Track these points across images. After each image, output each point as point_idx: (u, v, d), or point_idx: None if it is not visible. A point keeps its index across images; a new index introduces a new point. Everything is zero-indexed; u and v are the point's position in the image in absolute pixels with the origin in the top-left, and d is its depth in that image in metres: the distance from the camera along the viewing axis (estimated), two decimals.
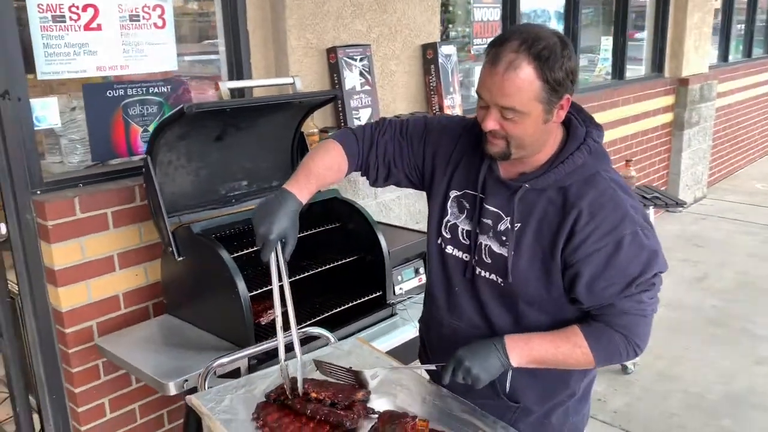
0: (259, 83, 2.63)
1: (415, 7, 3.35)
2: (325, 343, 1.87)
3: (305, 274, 2.25)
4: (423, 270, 2.52)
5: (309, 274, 2.27)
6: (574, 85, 1.39)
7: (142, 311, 2.43)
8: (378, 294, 2.35)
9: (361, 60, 3.06)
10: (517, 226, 1.46)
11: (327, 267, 2.31)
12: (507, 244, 1.47)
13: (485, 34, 4.15)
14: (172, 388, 1.85)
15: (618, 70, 5.57)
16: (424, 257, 2.49)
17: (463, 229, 1.56)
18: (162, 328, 2.27)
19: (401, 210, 3.38)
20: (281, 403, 1.45)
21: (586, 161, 1.43)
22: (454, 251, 1.59)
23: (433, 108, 3.47)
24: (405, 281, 2.47)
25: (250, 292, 1.99)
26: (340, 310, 2.27)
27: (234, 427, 1.39)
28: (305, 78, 2.90)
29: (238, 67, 2.74)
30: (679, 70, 6.06)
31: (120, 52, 2.36)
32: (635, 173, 4.07)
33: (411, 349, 2.01)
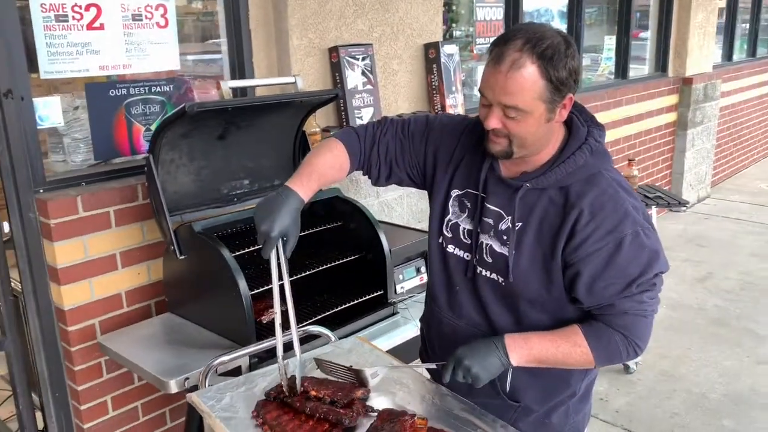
0: (260, 82, 2.64)
1: (417, 7, 3.36)
2: (326, 341, 1.88)
3: (307, 273, 2.26)
4: (424, 269, 2.52)
5: (310, 272, 2.27)
6: (577, 85, 1.39)
7: (144, 309, 2.43)
8: (379, 293, 2.35)
9: (363, 59, 3.06)
10: (518, 225, 1.46)
11: (328, 266, 2.31)
12: (508, 243, 1.47)
13: (488, 34, 4.15)
14: (173, 386, 1.86)
15: (621, 70, 5.56)
16: (426, 256, 2.50)
17: (464, 228, 1.56)
18: (164, 327, 2.28)
19: (403, 209, 3.39)
20: (281, 401, 1.46)
21: (588, 161, 1.43)
22: (456, 250, 1.59)
23: (436, 107, 3.47)
24: (406, 280, 2.47)
25: (251, 290, 2.00)
26: (342, 308, 2.28)
27: (234, 425, 1.40)
28: (307, 77, 2.91)
29: (240, 67, 2.75)
30: (683, 69, 6.05)
31: (122, 52, 2.37)
32: (638, 172, 4.07)
33: (412, 348, 2.02)
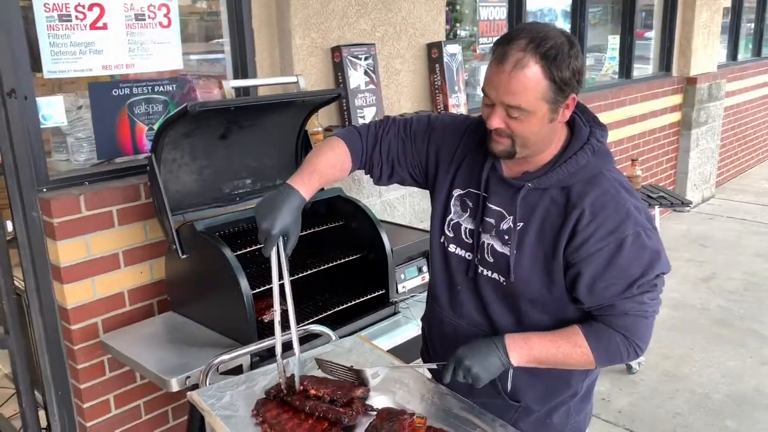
0: (262, 82, 2.64)
1: (420, 7, 3.36)
2: (327, 340, 1.88)
3: (308, 272, 2.26)
4: (426, 268, 2.53)
5: (312, 271, 2.27)
6: (580, 85, 1.39)
7: (146, 308, 2.44)
8: (381, 292, 2.35)
9: (365, 59, 3.07)
10: (519, 225, 1.46)
11: (330, 265, 2.31)
12: (509, 243, 1.47)
13: (491, 33, 4.14)
14: (175, 385, 1.87)
15: (625, 69, 5.55)
16: (427, 256, 2.50)
17: (466, 228, 1.56)
18: (166, 325, 2.29)
19: (406, 209, 3.39)
20: (281, 399, 1.46)
21: (590, 161, 1.43)
22: (457, 250, 1.59)
23: (438, 107, 3.47)
24: (408, 279, 2.48)
25: (253, 289, 2.01)
26: (343, 308, 2.28)
27: (234, 423, 1.40)
28: (310, 77, 2.92)
29: (243, 66, 2.76)
30: (687, 68, 6.03)
31: (125, 51, 2.38)
32: (641, 172, 4.06)
33: (413, 347, 2.02)
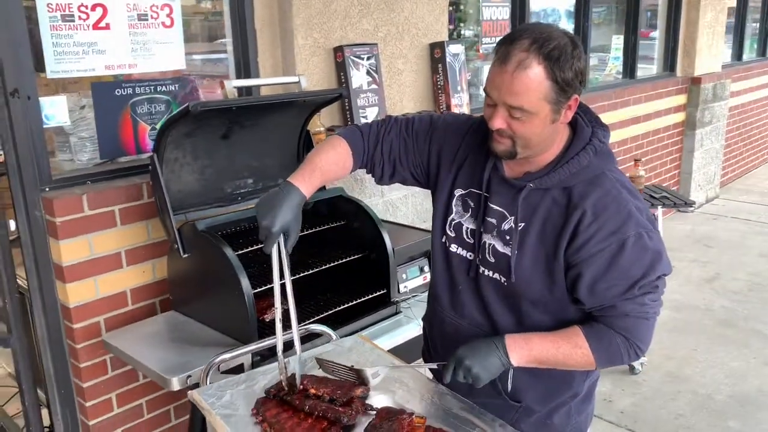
0: (263, 82, 2.65)
1: (423, 7, 3.36)
2: (328, 340, 1.88)
3: (310, 272, 2.26)
4: (428, 268, 2.53)
5: (314, 271, 2.28)
6: (583, 86, 1.38)
7: (149, 307, 2.45)
8: (382, 292, 2.36)
9: (368, 59, 3.07)
10: (521, 225, 1.46)
11: (331, 264, 2.32)
12: (511, 243, 1.47)
13: (494, 33, 4.14)
14: (176, 384, 1.87)
15: (629, 69, 5.54)
16: (429, 256, 2.50)
17: (467, 228, 1.56)
18: (167, 325, 2.30)
19: (408, 209, 3.39)
20: (281, 398, 1.47)
21: (591, 161, 1.42)
22: (458, 250, 1.59)
23: (441, 107, 3.47)
24: (409, 279, 2.48)
25: (254, 289, 2.01)
26: (345, 307, 2.28)
27: (233, 422, 1.40)
28: (312, 77, 2.92)
29: (245, 66, 2.76)
30: (692, 68, 6.02)
31: (128, 51, 2.39)
32: (644, 173, 4.05)
33: (414, 347, 2.02)
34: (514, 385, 1.56)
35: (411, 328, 2.29)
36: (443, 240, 1.62)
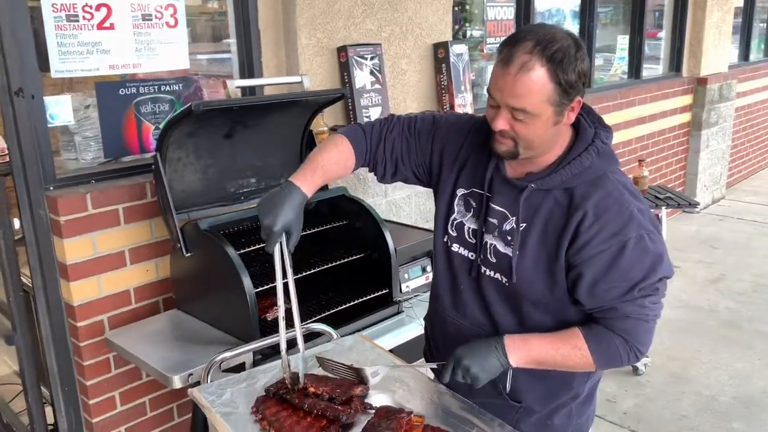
0: (265, 82, 2.65)
1: (427, 7, 3.36)
2: (329, 339, 1.89)
3: (312, 271, 2.27)
4: (430, 268, 2.53)
5: (316, 270, 2.28)
6: (586, 87, 1.38)
7: (152, 306, 2.46)
8: (384, 291, 2.36)
9: (371, 59, 3.07)
10: (522, 226, 1.46)
11: (334, 264, 2.32)
12: (512, 243, 1.47)
13: (499, 33, 4.14)
14: (177, 382, 1.88)
15: (634, 69, 5.52)
16: (431, 255, 2.50)
17: (469, 228, 1.56)
18: (170, 323, 2.31)
19: (411, 208, 3.39)
20: (280, 397, 1.47)
21: (594, 163, 1.42)
22: (460, 249, 1.59)
23: (444, 107, 3.47)
24: (412, 279, 2.48)
25: (256, 288, 2.02)
26: (346, 307, 2.29)
27: (233, 420, 1.41)
28: (316, 77, 2.93)
29: (249, 66, 2.77)
30: (698, 69, 6.00)
31: (132, 51, 2.40)
32: (648, 173, 4.04)
33: (416, 346, 2.02)
34: (515, 385, 1.56)
35: (413, 328, 2.29)
36: (445, 239, 1.62)
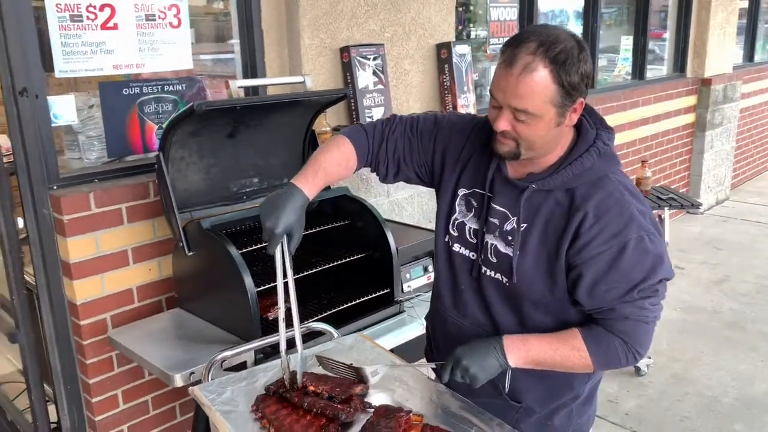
0: (268, 82, 2.66)
1: (430, 7, 3.36)
2: (330, 338, 1.90)
3: (314, 270, 2.28)
4: (432, 268, 2.53)
5: (317, 270, 2.29)
6: (588, 89, 1.39)
7: (155, 305, 2.47)
8: (386, 291, 2.37)
9: (374, 59, 3.08)
10: (523, 226, 1.46)
11: (335, 263, 2.33)
12: (513, 244, 1.47)
13: (502, 34, 4.14)
14: (179, 380, 1.89)
15: (638, 70, 5.51)
16: (433, 255, 2.50)
17: (470, 228, 1.57)
18: (173, 322, 2.32)
19: (414, 208, 3.40)
20: (280, 395, 1.48)
21: (595, 163, 1.42)
22: (461, 249, 1.59)
23: (447, 107, 3.48)
24: (413, 279, 2.48)
25: (257, 287, 2.03)
26: (348, 306, 2.30)
27: (233, 418, 1.42)
28: (318, 77, 2.93)
29: (252, 66, 2.78)
30: (702, 70, 5.98)
31: (136, 51, 2.41)
32: (651, 174, 4.03)
33: (417, 346, 2.03)
34: (515, 385, 1.56)
35: (414, 328, 2.30)
36: (446, 239, 1.62)
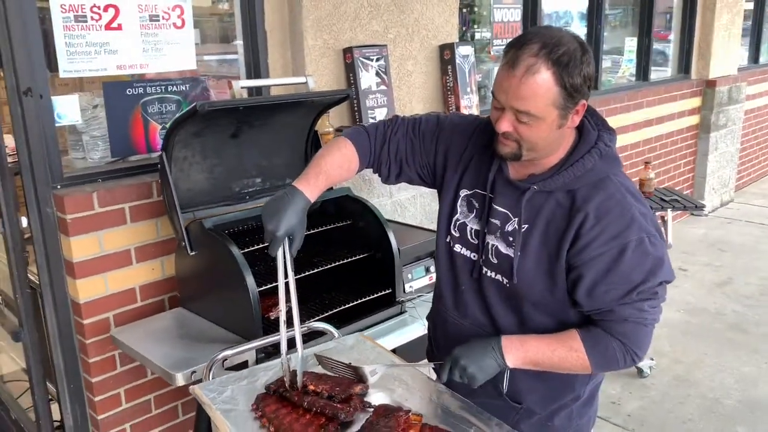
0: (271, 82, 2.67)
1: (433, 8, 3.37)
2: (331, 338, 1.90)
3: (315, 270, 2.28)
4: (434, 269, 2.54)
5: (319, 270, 2.30)
6: (591, 91, 1.39)
7: (158, 304, 2.48)
8: (387, 291, 2.37)
9: (377, 60, 3.09)
10: (524, 227, 1.46)
11: (337, 264, 2.34)
12: (513, 245, 1.47)
13: (505, 35, 4.13)
14: (180, 379, 1.90)
15: (642, 72, 5.51)
16: (435, 256, 2.51)
17: (471, 229, 1.57)
18: (175, 321, 2.33)
19: (416, 209, 3.40)
20: (280, 395, 1.48)
21: (596, 165, 1.42)
22: (462, 250, 1.59)
23: (450, 108, 3.48)
24: (415, 279, 2.49)
25: (259, 287, 2.03)
26: (349, 306, 2.30)
27: (233, 417, 1.42)
28: (322, 78, 2.94)
29: (255, 67, 2.79)
30: (707, 71, 5.97)
31: (140, 51, 2.42)
32: (654, 175, 4.03)
33: (418, 347, 2.03)
34: (515, 386, 1.57)
35: (416, 328, 2.31)
36: (447, 240, 1.63)
